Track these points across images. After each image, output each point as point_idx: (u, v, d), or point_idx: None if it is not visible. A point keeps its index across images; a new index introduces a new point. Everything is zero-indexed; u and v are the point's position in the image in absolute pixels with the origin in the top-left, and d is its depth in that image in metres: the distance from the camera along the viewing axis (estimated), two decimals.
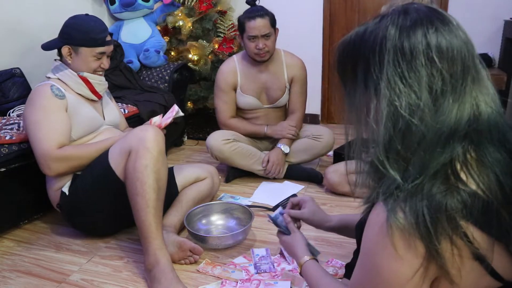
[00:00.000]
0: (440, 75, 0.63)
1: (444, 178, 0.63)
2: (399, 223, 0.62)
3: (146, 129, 1.48)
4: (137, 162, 1.42)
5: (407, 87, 0.64)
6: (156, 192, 1.42)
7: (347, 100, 0.74)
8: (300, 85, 2.29)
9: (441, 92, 0.64)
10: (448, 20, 0.66)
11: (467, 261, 0.63)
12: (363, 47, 0.68)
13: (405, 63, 0.64)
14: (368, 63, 0.67)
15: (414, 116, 0.64)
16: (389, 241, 0.63)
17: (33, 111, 1.56)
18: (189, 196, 1.77)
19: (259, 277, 1.41)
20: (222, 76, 2.26)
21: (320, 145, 2.26)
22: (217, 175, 1.93)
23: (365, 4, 3.15)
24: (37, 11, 2.41)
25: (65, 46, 1.64)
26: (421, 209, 0.61)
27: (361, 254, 0.73)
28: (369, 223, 0.69)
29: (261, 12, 2.10)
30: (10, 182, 1.69)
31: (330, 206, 1.96)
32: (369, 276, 0.70)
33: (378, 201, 0.67)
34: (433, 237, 0.61)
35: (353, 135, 0.74)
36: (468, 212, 0.61)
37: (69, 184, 1.61)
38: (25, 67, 2.26)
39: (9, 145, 1.70)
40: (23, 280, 1.46)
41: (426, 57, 0.63)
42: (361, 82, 0.69)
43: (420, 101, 0.63)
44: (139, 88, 2.64)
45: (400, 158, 0.65)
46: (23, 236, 1.76)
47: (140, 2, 2.75)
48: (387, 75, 0.65)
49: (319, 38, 3.28)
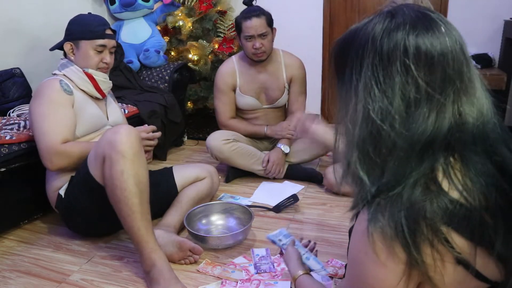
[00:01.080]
0: (414, 83, 0.62)
1: (425, 187, 0.62)
2: (380, 230, 0.62)
3: (117, 131, 1.40)
4: (113, 168, 1.36)
5: (381, 92, 0.63)
6: (138, 196, 1.37)
7: (337, 98, 0.73)
8: (299, 84, 2.29)
9: (414, 100, 0.62)
10: (435, 25, 0.63)
11: (449, 265, 0.62)
12: (351, 46, 0.68)
13: (381, 68, 0.63)
14: (353, 63, 0.67)
15: (385, 122, 0.63)
16: (371, 248, 0.63)
17: (41, 103, 1.56)
18: (188, 196, 1.77)
19: (259, 277, 1.42)
20: (220, 77, 2.27)
21: (320, 145, 2.25)
22: (216, 174, 1.93)
23: (365, 4, 3.15)
24: (37, 11, 2.41)
25: (67, 43, 1.66)
26: (399, 219, 0.60)
27: (349, 262, 0.73)
28: (355, 230, 0.69)
29: (257, 11, 2.10)
30: (10, 182, 1.69)
31: (330, 206, 1.96)
32: (356, 284, 0.70)
33: (362, 209, 0.67)
34: (411, 246, 0.60)
35: (341, 133, 0.73)
36: (449, 218, 0.61)
37: (66, 186, 1.61)
38: (25, 67, 2.26)
39: (9, 145, 1.70)
40: (23, 280, 1.46)
41: (403, 63, 0.62)
42: (348, 80, 0.69)
43: (392, 108, 0.62)
44: (139, 88, 2.64)
45: (373, 163, 0.65)
46: (23, 236, 1.76)
47: (140, 2, 2.75)
48: (365, 77, 0.64)
49: (319, 38, 3.28)
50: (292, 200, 1.92)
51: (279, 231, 1.36)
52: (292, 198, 1.93)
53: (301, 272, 1.10)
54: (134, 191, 1.37)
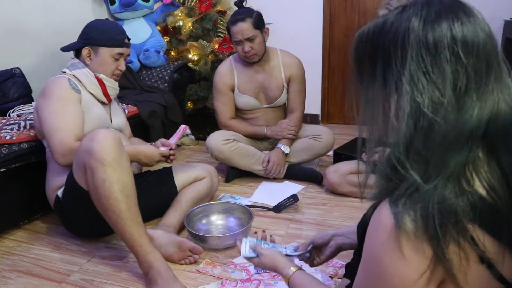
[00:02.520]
0: (465, 71, 0.60)
1: (457, 181, 0.61)
2: (407, 227, 0.60)
3: (92, 138, 1.36)
4: (94, 178, 1.34)
5: (431, 84, 0.61)
6: (125, 202, 1.35)
7: (363, 95, 0.70)
8: (298, 84, 2.29)
9: (465, 90, 0.61)
10: (473, 13, 0.63)
11: (473, 264, 0.61)
12: (383, 39, 0.65)
13: (429, 58, 0.61)
14: (388, 56, 0.64)
15: (437, 115, 0.60)
16: (396, 246, 0.61)
17: (51, 101, 1.57)
18: (188, 196, 1.77)
19: (259, 277, 1.42)
20: (219, 78, 2.27)
21: (320, 145, 2.26)
22: (216, 174, 1.93)
23: (365, 4, 3.15)
24: (37, 11, 2.41)
25: (85, 48, 1.67)
26: (431, 212, 0.59)
27: (365, 258, 0.70)
28: (374, 226, 0.66)
29: (242, 15, 2.07)
30: (10, 182, 1.69)
31: (330, 206, 1.96)
32: (374, 281, 0.68)
33: (384, 202, 0.64)
34: (441, 241, 0.59)
35: (367, 134, 0.70)
36: (476, 216, 0.60)
37: (63, 189, 1.61)
38: (25, 67, 2.26)
39: (9, 145, 1.70)
40: (23, 280, 1.46)
41: (451, 52, 0.60)
42: (380, 76, 0.65)
43: (444, 99, 0.60)
44: (139, 88, 2.64)
45: (421, 159, 0.62)
46: (23, 236, 1.76)
47: (140, 2, 2.75)
48: (410, 70, 0.61)
49: (319, 38, 3.28)
50: (292, 200, 1.92)
51: (245, 243, 1.15)
52: (292, 198, 1.93)
53: (294, 269, 1.01)
54: (119, 198, 1.35)
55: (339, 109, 3.46)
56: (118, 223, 1.36)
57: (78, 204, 1.52)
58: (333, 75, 3.38)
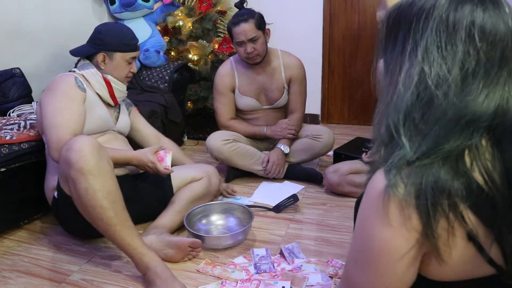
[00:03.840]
0: (476, 54, 0.62)
1: (454, 165, 0.62)
2: (398, 193, 0.61)
3: (69, 148, 1.34)
4: (76, 188, 1.33)
5: (441, 58, 0.63)
6: (111, 208, 1.34)
7: (385, 62, 0.73)
8: (298, 84, 2.29)
9: (472, 72, 0.62)
10: (501, 4, 0.65)
11: (460, 241, 0.63)
12: (410, 11, 0.68)
13: (445, 34, 0.63)
14: (410, 27, 0.67)
15: (439, 89, 0.63)
16: (383, 210, 0.63)
17: (55, 96, 1.58)
18: (181, 196, 1.75)
19: (259, 277, 1.42)
20: (219, 79, 2.27)
21: (320, 145, 2.26)
22: (216, 175, 1.90)
23: (365, 4, 3.15)
24: (37, 11, 2.40)
25: (100, 54, 1.68)
26: (425, 187, 0.60)
27: (356, 223, 0.72)
28: (367, 190, 0.68)
29: (245, 16, 2.07)
30: (10, 182, 1.69)
31: (330, 206, 1.96)
32: (362, 246, 0.70)
33: (379, 170, 0.66)
34: (431, 217, 0.61)
35: (384, 100, 0.72)
36: (470, 199, 0.61)
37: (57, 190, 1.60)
38: (25, 67, 2.26)
39: (9, 145, 1.70)
40: (23, 280, 1.46)
41: (468, 33, 0.62)
42: (400, 44, 0.69)
43: (450, 75, 0.62)
44: (139, 88, 2.64)
45: (416, 130, 0.64)
46: (23, 236, 1.76)
47: (140, 2, 2.75)
48: (426, 41, 0.64)
49: (319, 38, 3.28)
50: (292, 200, 1.92)
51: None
52: (292, 198, 1.93)
53: None
54: (105, 206, 1.33)
55: (339, 109, 3.46)
56: (108, 230, 1.35)
57: (70, 207, 1.49)
58: (333, 75, 3.38)
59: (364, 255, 0.70)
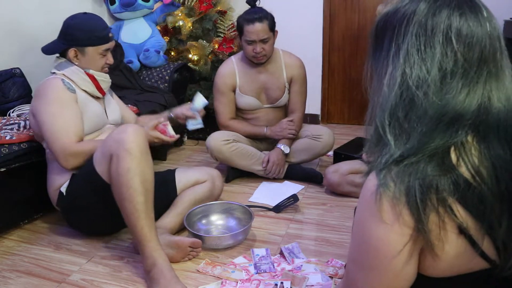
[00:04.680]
0: (454, 56, 0.66)
1: (440, 161, 0.65)
2: (389, 191, 0.64)
3: (124, 130, 1.43)
4: (119, 166, 1.38)
5: (420, 60, 0.67)
6: (143, 194, 1.39)
7: (373, 66, 0.77)
8: (299, 84, 2.29)
9: (450, 72, 0.66)
10: (478, 9, 0.68)
11: (451, 235, 0.65)
12: (394, 17, 0.72)
13: (424, 38, 0.67)
14: (394, 32, 0.71)
15: (420, 89, 0.66)
16: (376, 208, 0.66)
17: (48, 103, 1.56)
18: (184, 198, 1.75)
19: (259, 277, 1.41)
20: (220, 79, 2.26)
21: (320, 145, 2.26)
22: (220, 178, 1.89)
23: (365, 4, 3.15)
24: (37, 11, 2.41)
25: (71, 49, 1.64)
26: (413, 187, 0.63)
27: (353, 224, 0.75)
28: (361, 191, 0.71)
29: (260, 15, 2.07)
30: (10, 182, 1.69)
31: (330, 206, 1.96)
32: (359, 245, 0.73)
33: (372, 172, 0.69)
34: (421, 213, 0.63)
35: (373, 102, 0.76)
36: (458, 193, 0.63)
37: (67, 184, 1.60)
38: (25, 67, 2.26)
39: (9, 145, 1.70)
40: (23, 280, 1.46)
41: (445, 36, 0.66)
42: (386, 49, 0.72)
43: (429, 76, 0.66)
44: (139, 88, 2.64)
45: (401, 129, 0.68)
46: (23, 236, 1.76)
47: (140, 2, 2.75)
48: (407, 45, 0.68)
49: (319, 38, 3.28)
50: (292, 200, 1.92)
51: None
52: (292, 198, 1.93)
53: None
54: (139, 190, 1.38)
55: (339, 109, 3.46)
56: (133, 214, 1.38)
57: (91, 197, 1.54)
58: (333, 75, 3.38)
59: (361, 254, 0.72)
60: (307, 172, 2.25)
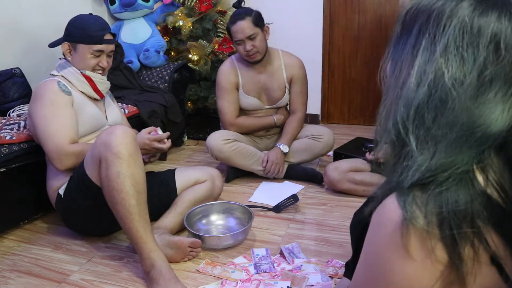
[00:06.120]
0: (497, 64, 0.58)
1: (471, 184, 0.58)
2: (418, 224, 0.56)
3: (111, 132, 1.40)
4: (108, 170, 1.37)
5: (461, 60, 0.59)
6: (135, 197, 1.38)
7: (395, 56, 0.69)
8: (299, 84, 2.29)
9: (490, 81, 0.58)
10: None
11: (484, 266, 0.59)
12: (431, 5, 0.63)
13: (468, 36, 0.59)
14: (429, 20, 0.62)
15: (455, 90, 0.58)
16: (402, 244, 0.57)
17: (42, 105, 1.56)
18: (184, 198, 1.75)
19: (259, 277, 1.41)
20: (223, 76, 2.26)
21: (320, 145, 2.26)
22: (220, 178, 1.89)
23: (365, 4, 3.15)
24: (37, 11, 2.41)
25: (64, 43, 1.67)
26: (447, 214, 0.56)
27: (366, 255, 0.66)
28: (378, 219, 0.62)
29: (241, 14, 2.08)
30: (10, 182, 1.69)
31: (330, 206, 1.96)
32: (376, 279, 0.64)
33: (390, 196, 0.61)
34: (458, 245, 0.56)
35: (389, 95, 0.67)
36: (490, 217, 0.57)
37: (65, 186, 1.60)
38: (25, 67, 2.26)
39: (9, 145, 1.70)
40: (23, 280, 1.46)
41: (492, 39, 0.58)
42: (414, 37, 0.64)
43: (467, 79, 0.58)
44: (139, 88, 2.64)
45: (426, 133, 0.60)
46: (23, 236, 1.76)
47: (140, 2, 2.75)
48: (447, 39, 0.60)
49: (319, 38, 3.28)
50: (292, 200, 1.92)
51: None
52: (292, 198, 1.93)
53: None
54: (131, 193, 1.37)
55: (339, 109, 3.46)
56: (126, 217, 1.37)
57: (85, 199, 1.53)
58: (333, 75, 3.38)
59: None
60: (307, 172, 2.25)
